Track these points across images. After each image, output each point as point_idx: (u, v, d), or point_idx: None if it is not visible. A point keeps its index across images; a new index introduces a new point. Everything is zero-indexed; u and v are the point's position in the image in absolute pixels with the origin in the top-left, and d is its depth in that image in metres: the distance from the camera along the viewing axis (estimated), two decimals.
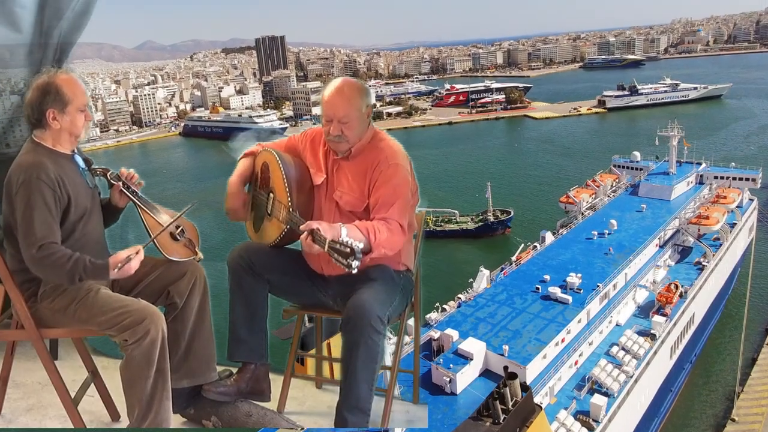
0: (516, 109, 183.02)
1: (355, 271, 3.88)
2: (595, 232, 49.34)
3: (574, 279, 40.01)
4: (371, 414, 4.54)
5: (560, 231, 53.11)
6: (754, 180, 60.93)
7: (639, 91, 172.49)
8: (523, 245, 50.92)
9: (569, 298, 37.97)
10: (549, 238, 50.02)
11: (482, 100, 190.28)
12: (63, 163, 4.35)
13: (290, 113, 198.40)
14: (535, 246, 49.36)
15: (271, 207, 4.76)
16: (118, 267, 4.09)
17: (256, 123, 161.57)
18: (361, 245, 3.99)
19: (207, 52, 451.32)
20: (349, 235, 4.09)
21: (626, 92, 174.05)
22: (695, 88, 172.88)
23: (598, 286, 39.40)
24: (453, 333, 34.07)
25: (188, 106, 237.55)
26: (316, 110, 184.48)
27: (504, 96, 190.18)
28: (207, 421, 4.84)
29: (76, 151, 4.55)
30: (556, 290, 38.72)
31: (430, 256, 62.24)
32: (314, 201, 4.79)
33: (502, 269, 45.01)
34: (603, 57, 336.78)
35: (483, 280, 41.55)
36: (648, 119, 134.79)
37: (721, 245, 50.78)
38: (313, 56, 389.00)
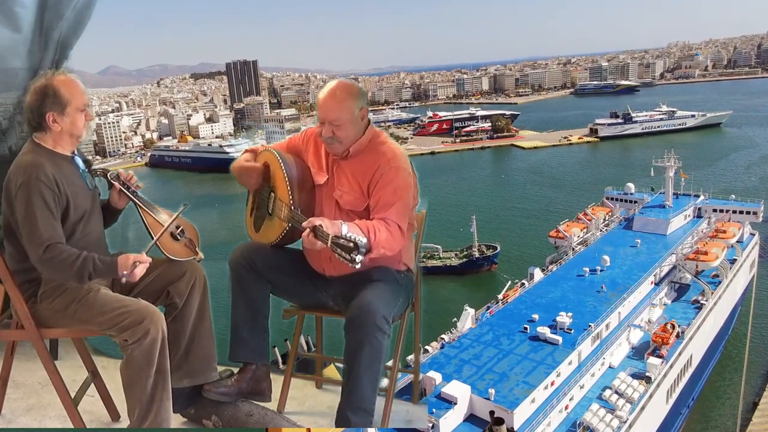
0: (503, 138, 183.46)
1: (358, 266, 4.12)
2: (587, 269, 49.63)
3: (564, 318, 40.22)
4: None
5: (550, 267, 53.44)
6: (755, 213, 61.47)
7: (633, 119, 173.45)
8: (510, 282, 50.87)
9: (559, 339, 38.26)
10: (538, 275, 50.26)
11: (467, 129, 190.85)
12: (62, 164, 4.63)
13: (263, 142, 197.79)
14: (523, 283, 49.55)
15: (272, 206, 5.06)
16: (124, 274, 4.37)
17: (227, 153, 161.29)
18: (365, 240, 4.21)
19: (175, 77, 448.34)
20: (350, 231, 4.32)
21: (620, 120, 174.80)
22: (693, 116, 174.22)
23: (589, 326, 39.71)
24: (436, 376, 34.21)
25: (155, 135, 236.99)
26: None
27: (490, 124, 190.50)
28: (207, 420, 5.11)
29: (76, 152, 4.82)
30: (545, 330, 38.95)
31: None
32: (315, 200, 5.11)
33: (488, 308, 45.29)
34: (595, 83, 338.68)
35: (468, 319, 41.75)
36: (643, 149, 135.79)
37: (720, 282, 51.08)
38: (288, 82, 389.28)
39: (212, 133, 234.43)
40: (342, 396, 4.70)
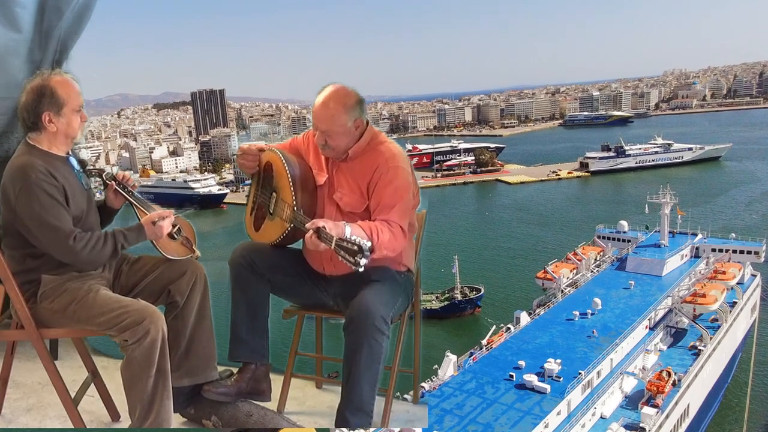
0: (487, 172, 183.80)
1: (362, 269, 4.43)
2: (577, 312, 49.85)
3: (552, 365, 40.39)
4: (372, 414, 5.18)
5: (537, 311, 53.57)
6: (757, 253, 61.92)
7: (626, 152, 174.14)
8: (494, 327, 51.24)
9: (547, 387, 38.44)
10: (524, 318, 50.41)
11: (448, 162, 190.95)
12: (57, 165, 4.92)
13: (231, 177, 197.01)
14: (509, 328, 49.64)
15: (274, 206, 5.43)
16: (155, 222, 4.84)
17: (192, 189, 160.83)
18: (369, 243, 4.50)
19: (136, 107, 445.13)
20: (354, 233, 4.64)
21: (612, 153, 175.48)
22: (690, 149, 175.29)
23: (580, 373, 39.93)
24: (415, 427, 34.01)
25: (115, 169, 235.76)
26: None
27: (473, 158, 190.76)
28: (207, 421, 5.44)
29: (70, 153, 5.16)
30: (532, 378, 39.13)
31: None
32: (318, 201, 5.47)
33: (472, 354, 45.38)
34: (585, 113, 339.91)
35: (449, 366, 41.81)
36: (637, 184, 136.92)
37: (719, 327, 51.44)
38: (257, 112, 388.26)
39: (176, 167, 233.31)
40: (341, 397, 5.08)
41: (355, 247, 4.40)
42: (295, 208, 5.19)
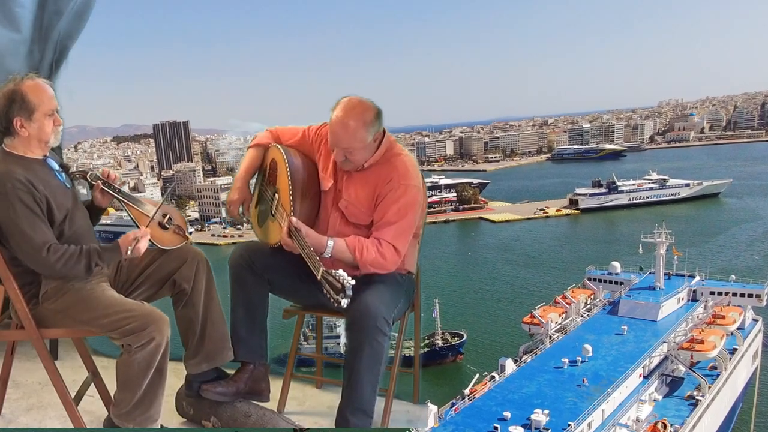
0: (470, 210, 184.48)
1: (344, 306, 4.61)
2: (566, 360, 50.04)
3: (540, 416, 40.47)
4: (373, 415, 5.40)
5: (523, 358, 53.45)
6: (758, 296, 61.97)
7: (619, 189, 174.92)
8: (478, 375, 51.14)
9: None
10: (510, 366, 50.32)
11: (428, 199, 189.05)
12: (35, 168, 5.09)
13: (196, 215, 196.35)
14: (493, 376, 49.48)
15: (275, 209, 5.62)
16: (129, 249, 4.97)
17: None
18: (353, 282, 4.63)
19: (94, 140, 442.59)
20: (335, 249, 5.07)
21: (603, 190, 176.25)
22: (687, 185, 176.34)
23: (569, 425, 39.99)
24: None
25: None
26: None
27: (455, 194, 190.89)
28: (206, 421, 5.68)
29: (48, 155, 5.31)
30: (518, 430, 39.22)
31: None
32: (320, 206, 5.72)
33: (453, 405, 45.24)
34: (575, 147, 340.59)
35: (429, 417, 41.49)
36: (630, 222, 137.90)
37: (718, 375, 51.58)
38: (224, 146, 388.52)
39: None
40: (342, 397, 5.35)
41: (339, 285, 4.58)
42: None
